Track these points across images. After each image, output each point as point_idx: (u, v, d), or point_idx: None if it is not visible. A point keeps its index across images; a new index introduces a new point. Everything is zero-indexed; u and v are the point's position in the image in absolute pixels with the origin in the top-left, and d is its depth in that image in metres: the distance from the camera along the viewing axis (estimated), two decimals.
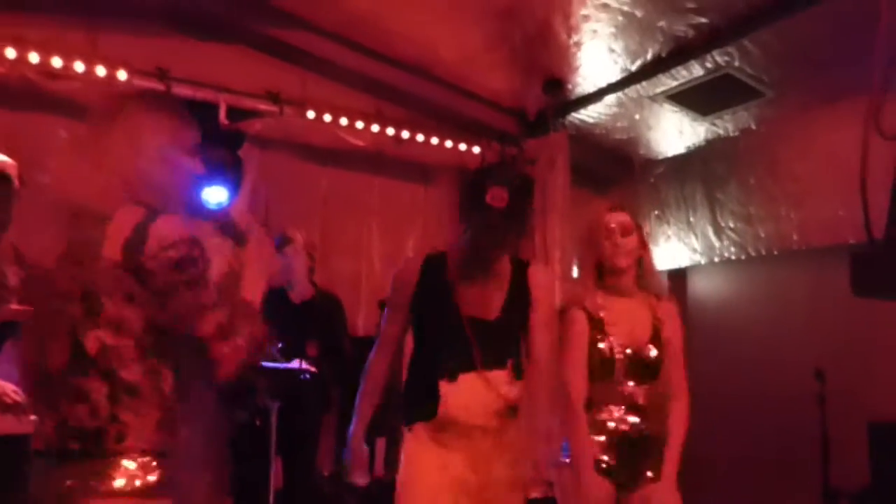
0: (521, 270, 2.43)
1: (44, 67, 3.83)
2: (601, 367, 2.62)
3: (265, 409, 3.65)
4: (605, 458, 2.58)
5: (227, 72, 4.29)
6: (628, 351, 2.62)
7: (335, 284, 4.46)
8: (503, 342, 2.36)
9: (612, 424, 2.60)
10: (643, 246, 2.72)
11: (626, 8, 4.01)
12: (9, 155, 3.67)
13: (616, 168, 5.72)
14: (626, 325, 2.65)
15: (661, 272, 5.59)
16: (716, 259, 5.23)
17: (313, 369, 3.74)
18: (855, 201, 1.63)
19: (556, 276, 5.07)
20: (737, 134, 5.00)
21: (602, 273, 2.71)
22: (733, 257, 5.10)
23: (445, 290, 2.34)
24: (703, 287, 5.60)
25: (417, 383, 2.43)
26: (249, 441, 3.64)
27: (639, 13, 4.03)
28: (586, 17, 4.14)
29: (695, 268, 5.52)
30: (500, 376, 2.32)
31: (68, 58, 3.83)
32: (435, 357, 2.35)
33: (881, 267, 1.59)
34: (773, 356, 4.76)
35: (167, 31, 4.27)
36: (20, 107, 3.93)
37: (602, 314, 2.66)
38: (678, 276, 5.62)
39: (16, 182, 3.08)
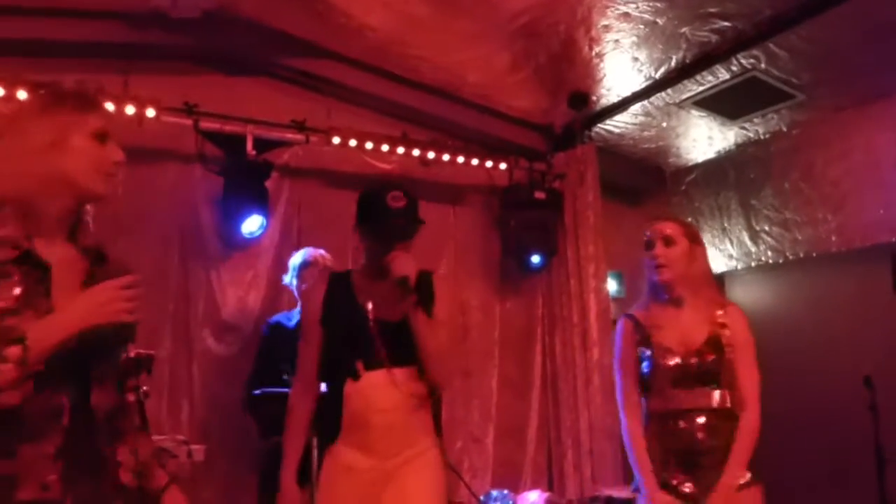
0: (426, 279, 2.49)
1: None
2: (651, 379, 2.55)
3: None
4: (671, 474, 2.49)
5: (254, 104, 4.35)
6: (678, 359, 2.54)
7: None
8: (408, 341, 2.37)
9: (674, 438, 2.51)
10: (692, 254, 2.62)
11: (647, 16, 3.99)
12: None
13: (647, 178, 5.68)
14: (678, 332, 2.57)
15: None
16: (753, 264, 5.16)
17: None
18: (894, 201, 1.59)
19: (589, 291, 5.03)
20: (768, 137, 4.94)
21: (653, 286, 2.66)
22: (771, 262, 5.02)
23: (351, 296, 2.44)
24: (742, 293, 5.50)
25: (327, 398, 2.44)
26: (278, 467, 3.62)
27: (660, 21, 4.01)
28: (607, 28, 4.13)
29: (732, 274, 5.44)
30: (408, 373, 2.36)
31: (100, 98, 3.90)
32: (342, 360, 2.38)
33: None
34: (819, 363, 4.66)
35: (195, 67, 4.36)
36: None
37: (651, 322, 2.61)
38: (716, 283, 5.54)
39: None
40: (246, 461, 4.08)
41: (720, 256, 5.35)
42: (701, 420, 2.50)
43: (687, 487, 2.47)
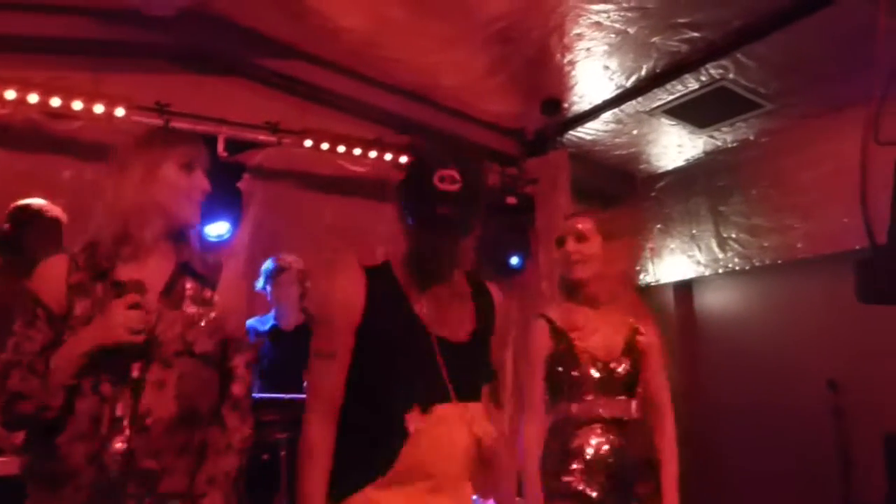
0: (481, 287, 2.00)
1: (44, 107, 3.86)
2: (569, 384, 2.40)
3: (273, 443, 3.62)
4: (586, 489, 2.32)
5: (226, 104, 4.32)
6: (598, 365, 2.40)
7: None
8: (476, 369, 1.90)
9: (590, 450, 2.35)
10: (607, 252, 2.48)
11: (618, 25, 4.04)
12: (15, 196, 3.72)
13: (618, 184, 5.73)
14: (598, 336, 2.44)
15: (666, 284, 5.62)
16: (720, 271, 5.23)
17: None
18: (858, 208, 1.63)
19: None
20: (736, 145, 5.02)
21: (566, 284, 2.52)
22: (738, 268, 5.10)
23: (401, 300, 1.84)
24: (710, 299, 5.59)
25: (362, 430, 1.80)
26: (258, 476, 3.61)
27: (631, 30, 4.07)
28: (580, 36, 4.17)
29: (701, 280, 5.52)
30: (477, 409, 1.85)
31: (67, 97, 3.86)
32: (398, 388, 1.78)
33: (884, 273, 1.58)
34: (785, 368, 4.74)
35: (167, 66, 4.32)
36: (25, 148, 3.96)
37: (569, 324, 2.46)
38: (684, 289, 5.62)
39: (63, 224, 3.16)
40: None
41: (689, 262, 5.42)
42: (619, 429, 2.37)
43: (594, 491, 2.31)
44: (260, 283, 3.95)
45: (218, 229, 4.20)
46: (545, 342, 2.46)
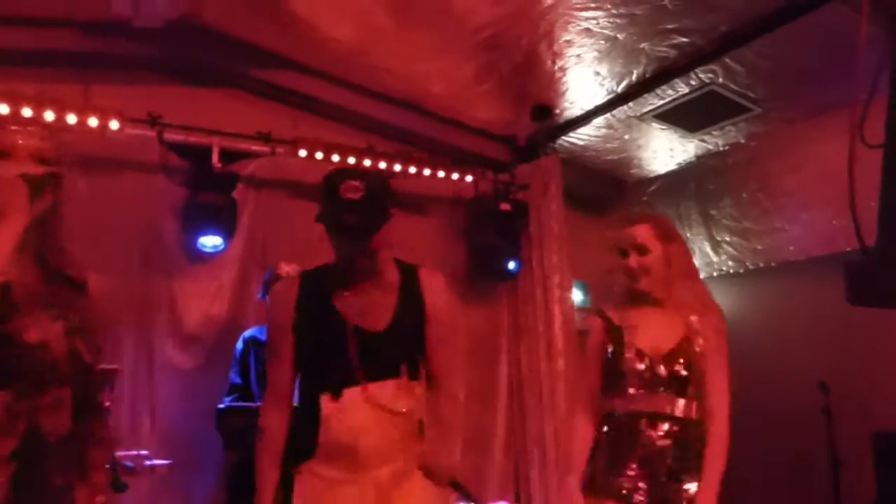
0: (410, 275, 2.26)
1: (37, 121, 3.86)
2: (616, 378, 2.47)
3: None
4: (636, 485, 2.37)
5: (219, 115, 4.32)
6: (644, 360, 2.44)
7: None
8: (393, 353, 2.16)
9: (634, 441, 2.39)
10: (667, 257, 2.52)
11: (608, 32, 4.07)
12: None
13: (609, 189, 5.76)
14: (650, 334, 2.48)
15: None
16: (714, 274, 5.26)
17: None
18: (847, 210, 1.65)
19: (554, 301, 5.07)
20: (726, 149, 5.05)
21: (630, 293, 2.57)
22: (732, 271, 5.12)
23: (325, 299, 2.16)
24: None
25: (300, 413, 2.19)
26: (247, 480, 3.60)
27: (621, 36, 4.09)
28: (569, 43, 4.19)
29: None
30: (388, 386, 2.12)
31: (61, 110, 3.86)
32: (318, 375, 2.14)
33: (873, 275, 1.60)
34: (778, 369, 4.76)
35: (159, 78, 4.32)
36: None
37: (625, 322, 2.52)
38: None
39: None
40: (212, 475, 4.04)
41: None
42: (664, 427, 2.40)
43: (639, 496, 2.37)
44: (261, 294, 3.96)
45: (212, 240, 4.21)
46: (600, 339, 2.55)
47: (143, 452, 3.40)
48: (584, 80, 4.55)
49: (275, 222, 4.58)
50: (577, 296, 5.37)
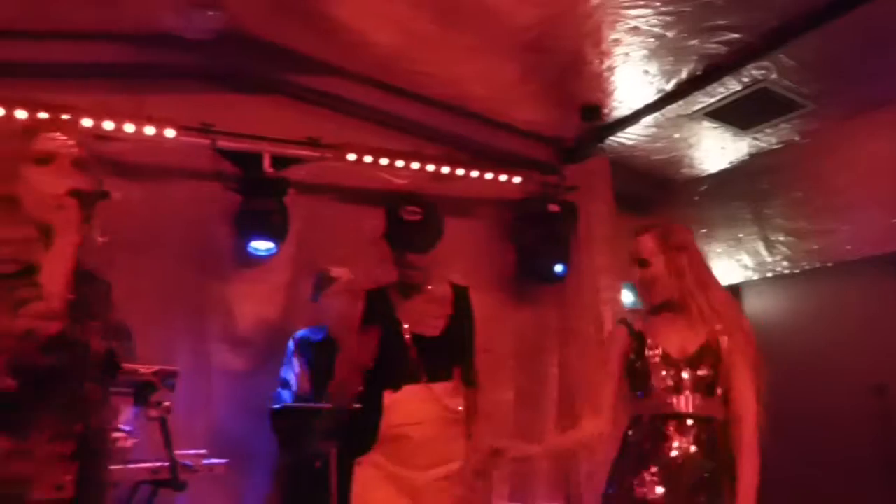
0: (462, 293, 2.70)
1: (96, 131, 3.99)
2: (641, 381, 2.46)
3: (324, 451, 3.66)
4: (655, 491, 2.32)
5: (268, 122, 4.41)
6: (669, 363, 2.43)
7: None
8: (447, 357, 2.54)
9: (671, 452, 2.35)
10: (675, 266, 2.49)
11: (656, 30, 4.01)
12: None
13: (658, 189, 5.68)
14: (673, 337, 2.47)
15: None
16: (768, 274, 5.14)
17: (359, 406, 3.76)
18: None
19: (604, 303, 5.02)
20: (779, 147, 4.94)
21: (645, 304, 2.60)
22: (786, 271, 5.01)
23: (389, 310, 2.59)
24: (757, 304, 5.49)
25: (364, 409, 2.59)
26: (311, 484, 3.65)
27: (669, 34, 4.04)
28: (617, 42, 4.15)
29: (748, 284, 5.43)
30: (445, 387, 2.51)
31: (119, 120, 3.98)
32: (382, 374, 2.51)
33: None
34: (833, 372, 4.63)
35: (209, 87, 4.43)
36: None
37: (648, 328, 2.52)
38: (732, 294, 5.52)
39: None
40: (267, 475, 4.11)
41: (735, 267, 5.34)
42: (694, 428, 2.37)
43: (656, 493, 2.31)
44: (313, 296, 4.04)
45: (265, 245, 4.29)
46: (623, 344, 2.55)
47: (201, 452, 3.47)
48: (633, 78, 4.50)
49: (324, 226, 4.64)
50: (627, 298, 5.31)
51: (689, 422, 2.38)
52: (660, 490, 2.32)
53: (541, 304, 5.34)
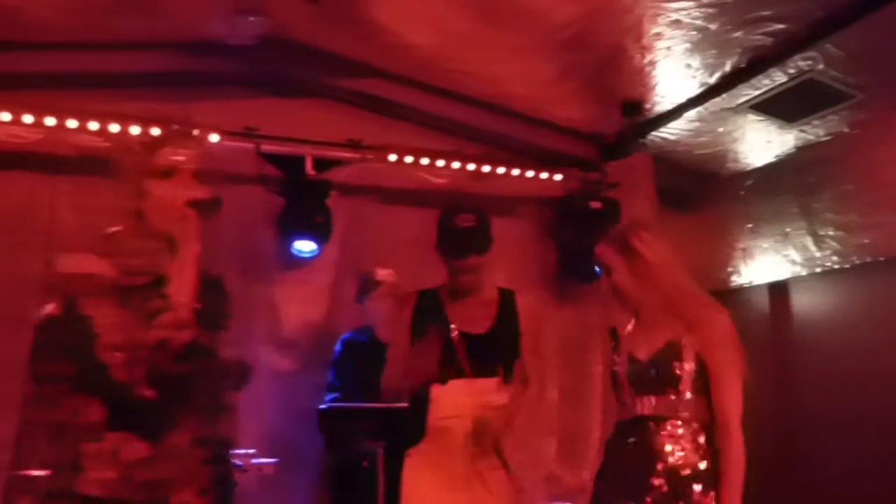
0: (509, 296, 2.78)
1: (145, 138, 4.08)
2: (615, 383, 2.53)
3: (370, 452, 3.68)
4: (645, 491, 2.29)
5: (310, 125, 4.46)
6: (634, 363, 2.42)
7: None
8: (492, 355, 2.60)
9: (629, 448, 2.38)
10: (638, 273, 2.46)
11: (699, 22, 3.95)
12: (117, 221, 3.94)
13: (703, 184, 5.60)
14: (640, 337, 2.47)
15: (760, 286, 5.44)
16: (817, 270, 5.03)
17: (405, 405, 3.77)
18: None
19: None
20: (828, 139, 4.82)
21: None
22: (837, 266, 4.89)
23: (439, 310, 2.66)
24: (807, 300, 5.37)
25: (413, 403, 2.69)
26: (358, 484, 3.67)
27: (712, 26, 3.97)
28: (659, 36, 4.10)
29: (796, 280, 5.31)
30: (488, 383, 2.57)
31: (166, 127, 4.06)
32: (428, 369, 2.57)
33: None
34: (884, 369, 4.50)
35: (252, 92, 4.50)
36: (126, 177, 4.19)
37: (626, 332, 2.56)
38: (779, 290, 5.42)
39: None
40: (314, 475, 4.16)
41: (782, 262, 5.23)
42: (668, 428, 2.33)
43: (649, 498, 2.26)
44: (359, 298, 4.08)
45: (308, 245, 4.34)
46: (607, 351, 2.73)
47: (251, 451, 3.52)
48: (675, 73, 4.44)
49: (366, 227, 4.68)
50: None
51: (657, 424, 2.35)
52: (649, 498, 2.29)
53: (583, 302, 5.30)
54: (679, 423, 2.35)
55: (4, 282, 3.93)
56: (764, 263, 5.34)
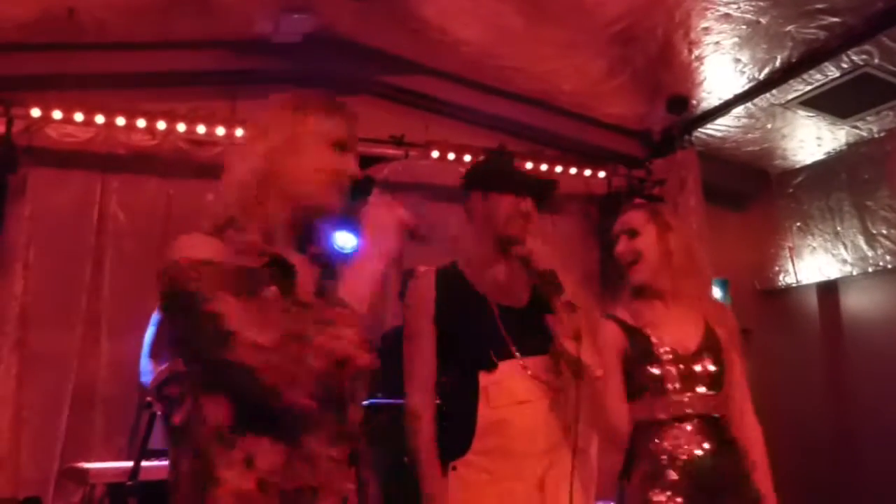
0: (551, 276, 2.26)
1: (190, 135, 4.14)
2: (650, 381, 2.22)
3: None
4: (659, 490, 2.11)
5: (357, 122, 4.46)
6: (678, 359, 2.22)
7: None
8: (537, 328, 2.12)
9: (682, 454, 2.14)
10: (665, 244, 2.29)
11: (749, 16, 3.88)
12: (165, 219, 4.03)
13: (751, 182, 5.50)
14: (672, 330, 2.25)
15: (809, 285, 5.32)
16: (870, 269, 4.90)
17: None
18: None
19: None
20: (882, 135, 4.69)
21: (631, 285, 2.36)
22: (890, 266, 4.76)
23: (466, 286, 2.23)
24: (858, 300, 5.24)
25: (453, 400, 2.18)
26: (401, 481, 3.67)
27: (763, 20, 3.89)
28: (707, 30, 4.03)
29: (847, 280, 5.19)
30: (540, 363, 2.12)
31: (211, 125, 4.12)
32: (468, 355, 2.13)
33: None
34: None
35: (297, 89, 4.51)
36: (173, 174, 4.27)
37: (641, 321, 2.28)
38: (829, 289, 5.30)
39: None
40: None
41: (834, 262, 5.11)
42: (711, 428, 2.18)
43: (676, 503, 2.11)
44: (401, 294, 4.08)
45: (347, 240, 4.35)
46: (618, 341, 2.29)
47: None
48: (723, 68, 4.36)
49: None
50: (716, 293, 5.15)
51: (702, 419, 2.19)
52: (679, 500, 2.11)
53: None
54: (723, 420, 2.23)
55: (57, 279, 4.02)
56: (814, 263, 5.22)
